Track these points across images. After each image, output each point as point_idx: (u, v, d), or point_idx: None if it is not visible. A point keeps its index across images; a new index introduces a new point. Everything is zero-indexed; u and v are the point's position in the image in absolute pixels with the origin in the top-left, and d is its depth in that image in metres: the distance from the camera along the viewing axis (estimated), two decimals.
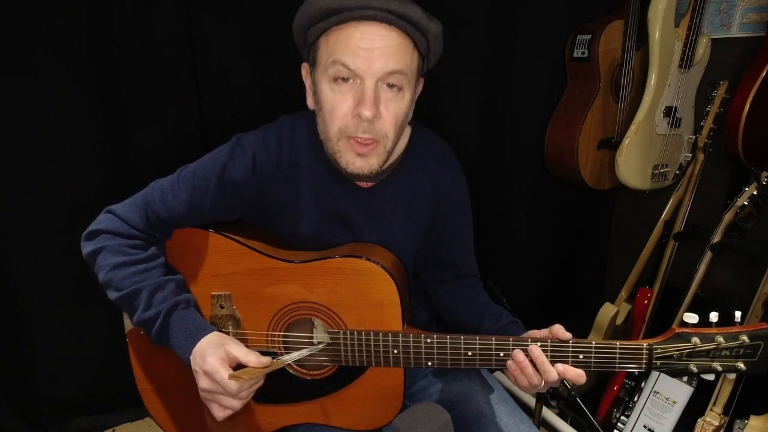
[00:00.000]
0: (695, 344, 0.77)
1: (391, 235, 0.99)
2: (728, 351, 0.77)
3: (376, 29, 0.78)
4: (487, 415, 0.97)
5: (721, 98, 1.53)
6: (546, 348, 0.80)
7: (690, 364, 0.78)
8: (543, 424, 1.65)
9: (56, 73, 1.19)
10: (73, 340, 1.42)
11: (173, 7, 1.24)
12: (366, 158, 0.85)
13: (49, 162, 1.25)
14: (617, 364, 0.80)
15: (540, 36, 1.65)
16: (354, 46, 0.78)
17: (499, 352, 0.83)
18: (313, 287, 0.89)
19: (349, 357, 0.89)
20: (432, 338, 0.84)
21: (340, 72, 0.80)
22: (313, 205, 0.95)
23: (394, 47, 0.80)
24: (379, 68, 0.79)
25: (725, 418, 1.37)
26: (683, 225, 1.66)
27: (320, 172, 0.94)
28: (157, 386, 0.96)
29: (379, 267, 0.87)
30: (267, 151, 0.92)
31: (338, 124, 0.83)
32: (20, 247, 1.29)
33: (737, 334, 0.76)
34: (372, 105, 0.80)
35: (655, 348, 0.78)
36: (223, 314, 0.92)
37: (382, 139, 0.84)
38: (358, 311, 0.89)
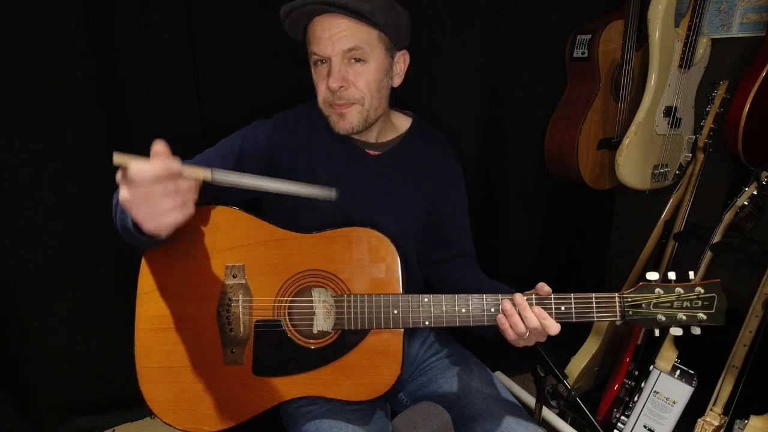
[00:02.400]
0: (659, 294, 0.89)
1: (395, 199, 1.09)
2: (688, 302, 0.89)
3: (331, 19, 0.95)
4: (487, 412, 0.98)
5: (721, 98, 1.53)
6: (531, 300, 0.90)
7: (658, 314, 0.89)
8: (543, 424, 1.65)
9: (56, 73, 1.19)
10: (73, 340, 1.42)
11: (173, 7, 1.24)
12: (345, 117, 1.00)
13: (48, 162, 1.25)
14: (594, 312, 0.90)
15: (540, 36, 1.65)
16: (317, 36, 0.97)
17: (490, 308, 0.91)
18: (321, 255, 0.97)
19: (351, 320, 0.94)
20: (429, 297, 0.93)
21: (315, 59, 1.00)
22: (326, 169, 1.07)
23: (346, 30, 0.96)
24: (339, 49, 0.96)
25: (725, 418, 1.37)
26: (683, 225, 1.66)
27: (333, 142, 1.08)
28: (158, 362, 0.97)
29: (381, 234, 0.96)
30: (285, 122, 1.09)
31: (321, 96, 1.02)
32: (20, 247, 1.29)
33: (693, 286, 0.89)
34: (336, 78, 0.97)
35: (625, 297, 0.90)
36: (235, 283, 0.96)
37: (358, 101, 1.00)
38: (362, 277, 0.96)
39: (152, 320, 0.97)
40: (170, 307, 0.97)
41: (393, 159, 1.11)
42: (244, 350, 0.97)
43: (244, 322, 0.96)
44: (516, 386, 1.81)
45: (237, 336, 0.96)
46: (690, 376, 1.46)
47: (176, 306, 0.97)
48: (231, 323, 0.97)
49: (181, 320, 0.97)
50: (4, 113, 1.19)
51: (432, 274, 1.20)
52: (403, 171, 1.11)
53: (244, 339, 0.96)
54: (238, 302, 0.96)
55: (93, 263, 1.38)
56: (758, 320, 1.36)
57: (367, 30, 0.98)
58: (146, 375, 0.98)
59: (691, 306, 0.89)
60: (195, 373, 0.98)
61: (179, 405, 0.98)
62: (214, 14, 1.29)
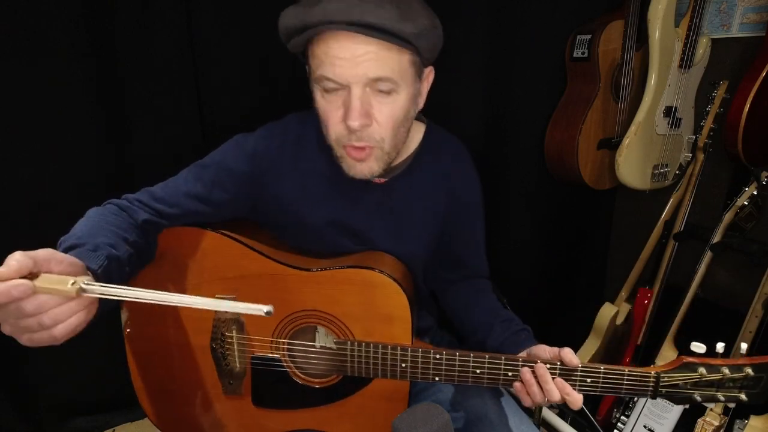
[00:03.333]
0: (702, 375, 0.79)
1: (403, 231, 0.98)
2: (732, 382, 0.79)
3: (353, 37, 0.75)
4: (487, 414, 0.97)
5: (721, 98, 1.53)
6: (555, 371, 0.80)
7: (695, 393, 0.80)
8: (543, 424, 1.65)
9: (56, 73, 1.19)
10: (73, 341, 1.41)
11: (173, 7, 1.24)
12: (365, 162, 0.84)
13: (48, 162, 1.25)
14: (624, 389, 0.80)
15: (540, 36, 1.65)
16: (332, 57, 0.76)
17: (507, 372, 0.83)
18: (321, 296, 0.88)
19: (355, 368, 0.88)
20: (441, 354, 0.83)
21: (327, 85, 0.79)
22: (322, 200, 0.94)
23: (374, 53, 0.76)
24: (362, 74, 0.76)
25: (725, 418, 1.37)
26: (683, 225, 1.66)
27: (328, 168, 0.92)
28: (154, 385, 0.96)
29: (391, 280, 0.86)
30: (269, 143, 0.92)
31: (332, 134, 0.83)
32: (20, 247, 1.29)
33: (742, 366, 0.78)
34: (358, 115, 0.78)
35: (662, 377, 0.79)
36: (227, 318, 0.91)
37: (378, 144, 0.83)
38: (367, 323, 0.88)
39: (143, 343, 0.93)
40: (162, 333, 0.93)
41: (401, 184, 0.96)
42: (242, 382, 0.93)
43: (239, 357, 0.92)
44: None
45: (233, 370, 0.93)
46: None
47: (168, 332, 0.93)
48: (226, 358, 0.92)
49: (174, 347, 0.93)
50: (4, 113, 1.19)
51: (440, 290, 1.12)
52: (412, 195, 0.97)
53: (241, 373, 0.93)
54: (233, 338, 0.91)
55: None
56: (758, 320, 1.37)
57: (398, 53, 0.78)
58: (144, 396, 0.96)
59: (734, 386, 0.79)
60: (193, 399, 0.95)
61: (180, 425, 0.97)
62: (214, 14, 1.28)
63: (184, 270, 0.90)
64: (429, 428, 0.82)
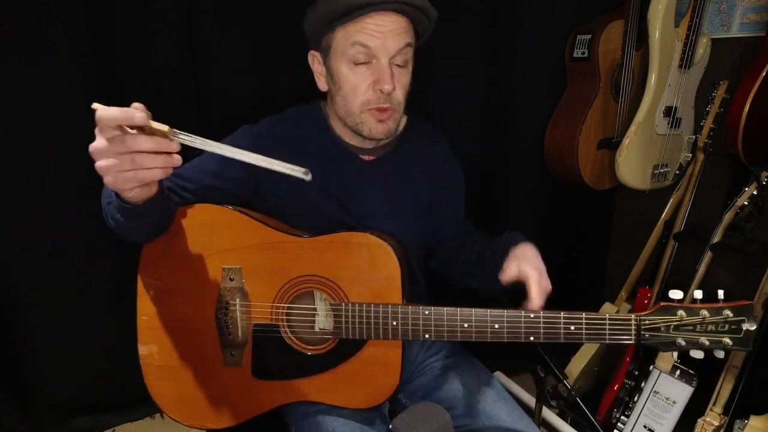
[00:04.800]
0: (681, 317, 0.80)
1: (390, 206, 1.06)
2: (713, 326, 0.80)
3: (388, 16, 0.91)
4: (486, 413, 0.98)
5: (721, 98, 1.53)
6: (538, 319, 0.85)
7: (677, 338, 0.81)
8: (543, 424, 1.65)
9: (56, 73, 1.19)
10: (74, 340, 1.42)
11: (173, 7, 1.24)
12: (385, 123, 0.97)
13: (48, 161, 1.25)
14: (607, 335, 0.83)
15: (540, 36, 1.65)
16: (370, 30, 0.90)
17: (494, 324, 0.87)
18: (318, 261, 0.93)
19: (350, 329, 0.92)
20: (429, 310, 0.89)
21: (358, 53, 0.92)
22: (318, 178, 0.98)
23: (402, 28, 0.92)
24: (392, 47, 0.92)
25: (725, 418, 1.37)
26: (683, 225, 1.66)
27: (325, 146, 1.04)
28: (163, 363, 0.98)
29: (381, 240, 0.92)
30: (272, 127, 1.04)
31: (360, 99, 0.95)
32: (20, 247, 1.29)
33: (721, 308, 0.79)
34: (390, 80, 0.92)
35: (643, 320, 0.81)
36: (232, 287, 0.95)
37: (397, 107, 0.98)
38: (361, 285, 0.92)
39: (152, 318, 0.97)
40: (169, 307, 0.97)
41: (388, 163, 1.07)
42: (244, 353, 0.97)
43: (242, 326, 0.96)
44: (516, 386, 1.81)
45: (235, 339, 0.96)
46: (690, 376, 1.46)
47: (175, 306, 0.97)
48: (229, 327, 0.96)
49: (180, 320, 0.97)
50: (4, 113, 1.19)
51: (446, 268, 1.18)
52: (398, 174, 1.08)
53: (243, 342, 0.96)
54: (236, 306, 0.95)
55: (93, 263, 1.38)
56: (758, 320, 1.37)
57: (412, 32, 0.96)
58: (150, 372, 0.99)
59: (716, 330, 0.80)
60: (196, 373, 0.98)
61: (183, 402, 0.99)
62: (214, 14, 1.28)
63: (194, 243, 0.95)
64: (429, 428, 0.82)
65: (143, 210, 0.79)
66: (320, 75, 1.02)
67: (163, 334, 0.97)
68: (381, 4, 0.89)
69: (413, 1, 0.91)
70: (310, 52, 1.01)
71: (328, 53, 0.96)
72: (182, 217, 0.95)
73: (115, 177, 0.69)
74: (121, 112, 0.64)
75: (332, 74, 0.97)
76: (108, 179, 0.70)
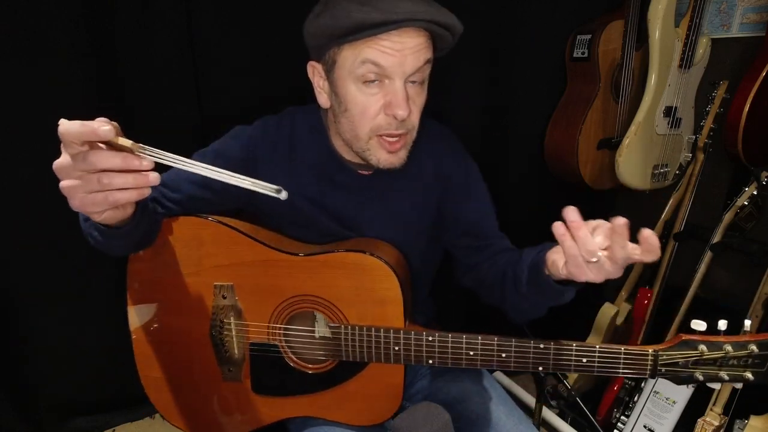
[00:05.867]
0: (702, 352, 0.75)
1: (392, 220, 0.99)
2: (736, 360, 0.75)
3: (407, 32, 0.79)
4: (486, 415, 0.97)
5: (721, 98, 1.53)
6: (549, 349, 0.79)
7: (696, 372, 0.76)
8: (543, 424, 1.65)
9: (56, 73, 1.19)
10: (73, 340, 1.42)
11: (173, 7, 1.24)
12: (396, 153, 0.88)
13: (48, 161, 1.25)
14: (621, 369, 0.78)
15: (540, 36, 1.65)
16: (384, 47, 0.78)
17: (501, 353, 0.82)
18: (315, 281, 0.89)
19: (349, 352, 0.89)
20: (434, 336, 0.84)
21: (369, 72, 0.80)
22: (312, 192, 0.96)
23: (421, 45, 0.81)
24: (410, 67, 0.81)
25: (725, 418, 1.37)
26: (683, 225, 1.66)
27: (321, 160, 0.96)
28: (158, 374, 0.97)
29: (381, 262, 0.86)
30: (264, 133, 0.96)
31: (369, 125, 0.84)
32: (20, 247, 1.29)
33: (746, 343, 0.74)
34: (406, 104, 0.82)
35: (660, 354, 0.77)
36: (225, 305, 0.92)
37: (411, 131, 0.88)
38: (360, 306, 0.88)
39: (145, 333, 0.95)
40: (162, 321, 0.95)
41: (388, 177, 0.95)
42: (242, 369, 0.95)
43: (238, 344, 0.94)
44: (516, 386, 1.81)
45: (232, 357, 0.94)
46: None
47: (168, 321, 0.95)
48: (225, 344, 0.94)
49: (174, 335, 0.95)
50: (4, 113, 1.19)
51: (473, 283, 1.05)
52: (399, 182, 0.98)
53: (240, 360, 0.94)
54: (231, 325, 0.93)
55: (93, 263, 1.38)
56: (758, 320, 1.37)
57: (431, 47, 0.85)
58: (149, 383, 0.98)
59: (738, 364, 0.74)
60: (195, 386, 0.97)
61: (184, 412, 0.98)
62: (214, 14, 1.28)
63: (183, 258, 0.92)
64: (429, 428, 0.82)
65: (122, 231, 0.74)
66: (321, 90, 0.90)
67: (158, 348, 0.95)
68: (402, 22, 0.76)
69: (439, 18, 0.79)
70: (309, 63, 0.90)
71: (333, 69, 0.84)
72: (169, 229, 0.91)
73: (82, 199, 0.63)
74: (83, 125, 0.60)
75: (337, 93, 0.86)
76: (74, 202, 0.64)
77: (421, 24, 0.78)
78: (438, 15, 0.80)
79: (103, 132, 0.59)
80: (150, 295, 0.94)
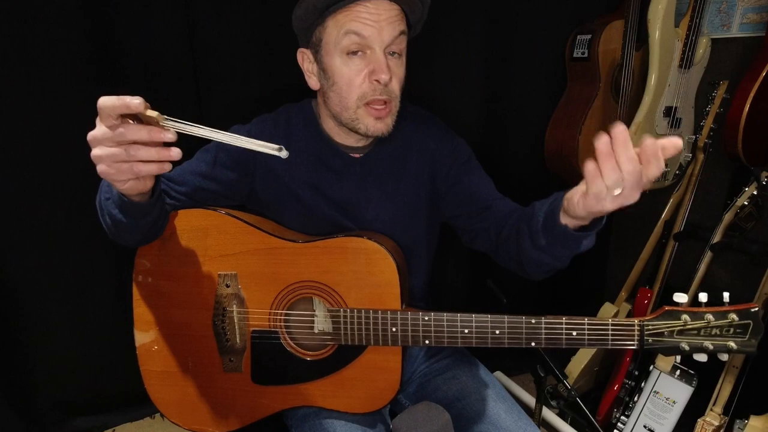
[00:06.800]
0: (685, 321, 0.79)
1: (387, 200, 1.03)
2: (718, 329, 0.78)
3: (381, 3, 0.87)
4: (486, 412, 0.98)
5: (721, 98, 1.53)
6: (540, 324, 0.83)
7: (681, 342, 0.80)
8: (543, 424, 1.65)
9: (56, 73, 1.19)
10: (74, 340, 1.42)
11: (173, 7, 1.24)
12: (383, 120, 0.93)
13: (48, 161, 1.25)
14: (610, 340, 0.82)
15: (540, 36, 1.65)
16: (363, 18, 0.87)
17: (494, 330, 0.85)
18: (315, 266, 0.92)
19: (348, 335, 0.91)
20: (429, 316, 0.87)
21: (352, 42, 0.88)
22: (307, 178, 1.01)
23: (395, 17, 0.89)
24: (387, 35, 0.88)
25: (725, 418, 1.37)
26: (683, 225, 1.66)
27: (314, 146, 1.01)
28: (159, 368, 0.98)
29: (378, 245, 0.89)
30: (262, 127, 1.02)
31: (356, 93, 0.91)
32: (20, 247, 1.29)
33: (726, 312, 0.78)
34: (386, 69, 0.88)
35: (646, 324, 0.80)
36: (228, 293, 0.94)
37: (394, 99, 0.94)
38: (359, 290, 0.91)
39: (149, 324, 0.96)
40: (166, 313, 0.96)
41: (378, 157, 1.03)
42: (243, 359, 0.96)
43: (240, 332, 0.95)
44: (516, 386, 1.81)
45: (234, 346, 0.96)
46: (690, 376, 1.45)
47: (172, 312, 0.96)
48: (227, 333, 0.95)
49: (177, 326, 0.96)
50: (4, 113, 1.19)
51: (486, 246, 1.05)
52: (391, 166, 1.03)
53: (242, 349, 0.96)
54: (233, 312, 0.94)
55: (93, 263, 1.38)
56: None
57: (405, 20, 0.92)
58: (150, 378, 0.98)
59: (721, 333, 0.78)
60: (196, 378, 0.98)
61: (184, 406, 0.99)
62: (214, 14, 1.29)
63: (188, 249, 0.94)
64: (429, 428, 0.82)
65: (144, 206, 0.79)
66: (311, 73, 0.98)
67: (161, 339, 0.97)
68: None
69: None
70: (299, 50, 0.98)
71: (320, 48, 0.92)
72: (175, 221, 0.94)
73: (109, 166, 0.69)
74: (118, 99, 0.67)
75: (325, 69, 0.93)
76: (101, 167, 0.70)
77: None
78: None
79: (134, 104, 0.66)
80: (156, 287, 0.96)
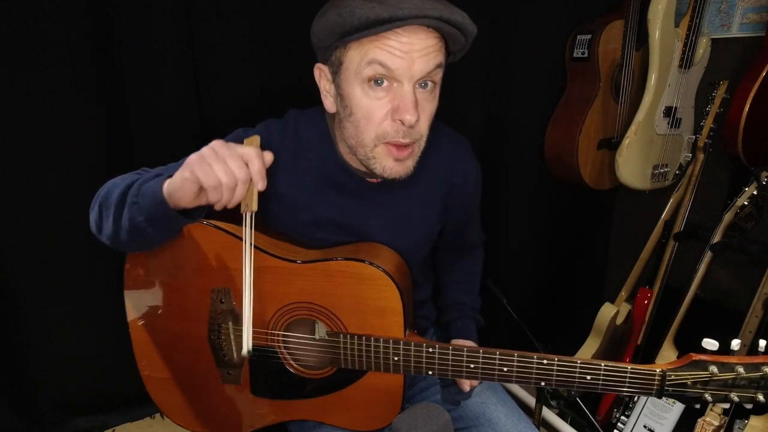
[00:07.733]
0: (712, 373, 0.72)
1: (400, 227, 0.97)
2: (747, 381, 0.71)
3: (415, 32, 0.74)
4: (486, 415, 0.97)
5: (721, 98, 1.53)
6: (552, 366, 0.78)
7: (705, 393, 0.73)
8: (543, 424, 1.65)
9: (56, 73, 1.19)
10: (74, 340, 1.42)
11: (173, 7, 1.24)
12: (403, 162, 0.83)
13: (48, 161, 1.25)
14: (626, 387, 0.76)
15: (540, 36, 1.65)
16: (391, 47, 0.74)
17: (502, 367, 0.81)
18: (314, 289, 0.88)
19: (348, 360, 0.88)
20: (434, 348, 0.83)
21: (376, 71, 0.76)
22: (318, 199, 0.93)
23: (431, 47, 0.77)
24: (419, 70, 0.76)
25: (725, 418, 1.37)
26: (683, 225, 1.66)
27: (327, 167, 0.92)
28: (159, 374, 0.97)
29: (381, 272, 0.85)
30: (268, 138, 0.89)
31: (375, 131, 0.80)
32: (20, 247, 1.29)
33: (760, 365, 0.70)
34: (414, 109, 0.77)
35: (668, 374, 0.74)
36: (223, 309, 0.91)
37: (419, 140, 0.83)
38: (360, 315, 0.87)
39: (144, 334, 0.95)
40: (161, 323, 0.95)
41: (397, 184, 0.90)
42: (241, 372, 0.95)
43: (237, 349, 0.93)
44: (516, 386, 1.81)
45: (231, 360, 0.94)
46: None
47: (166, 323, 0.94)
48: (223, 348, 0.94)
49: (173, 337, 0.95)
50: (4, 113, 1.19)
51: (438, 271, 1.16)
52: (410, 194, 0.95)
53: (239, 363, 0.94)
54: (229, 329, 0.92)
55: (93, 263, 1.38)
56: (758, 320, 1.37)
57: (444, 50, 0.80)
58: (150, 383, 0.98)
59: (749, 385, 0.71)
60: (195, 387, 0.97)
61: (185, 411, 0.99)
62: (214, 14, 1.28)
63: (179, 260, 0.91)
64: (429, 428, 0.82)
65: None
66: (328, 94, 0.86)
67: (158, 349, 0.95)
68: (408, 19, 0.72)
69: (449, 16, 0.74)
70: (316, 65, 0.87)
71: (339, 71, 0.80)
72: None
73: (213, 180, 0.71)
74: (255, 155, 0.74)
75: (342, 96, 0.82)
76: (218, 167, 0.72)
77: (429, 22, 0.73)
78: (447, 13, 0.74)
79: (267, 160, 0.76)
80: (147, 297, 0.93)
